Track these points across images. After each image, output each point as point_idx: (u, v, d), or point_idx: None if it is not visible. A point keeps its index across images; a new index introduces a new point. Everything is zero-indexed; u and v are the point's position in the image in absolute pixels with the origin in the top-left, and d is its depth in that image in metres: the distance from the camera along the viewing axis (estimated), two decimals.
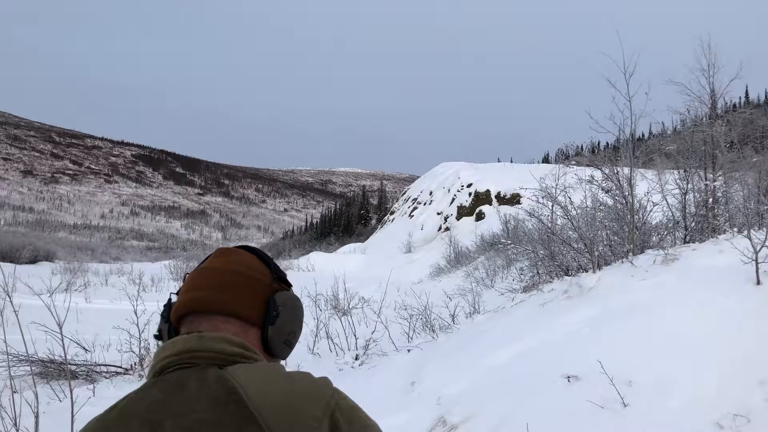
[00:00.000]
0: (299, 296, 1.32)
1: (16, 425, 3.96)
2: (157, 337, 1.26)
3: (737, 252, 5.39)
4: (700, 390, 3.69)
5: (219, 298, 1.16)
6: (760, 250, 5.10)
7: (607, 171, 9.30)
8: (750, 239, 5.23)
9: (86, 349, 8.74)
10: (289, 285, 1.30)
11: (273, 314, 1.18)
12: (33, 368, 6.36)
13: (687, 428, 3.42)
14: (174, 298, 1.24)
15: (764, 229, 6.41)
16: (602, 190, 9.70)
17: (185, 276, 1.26)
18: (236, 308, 1.16)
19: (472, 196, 43.14)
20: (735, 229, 7.56)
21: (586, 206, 9.61)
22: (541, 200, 11.44)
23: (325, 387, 1.09)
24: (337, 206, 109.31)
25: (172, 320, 1.20)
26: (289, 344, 1.24)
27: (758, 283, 5.00)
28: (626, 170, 8.92)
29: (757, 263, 5.06)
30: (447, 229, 40.86)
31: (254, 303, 1.18)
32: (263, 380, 1.06)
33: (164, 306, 1.26)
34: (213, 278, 1.18)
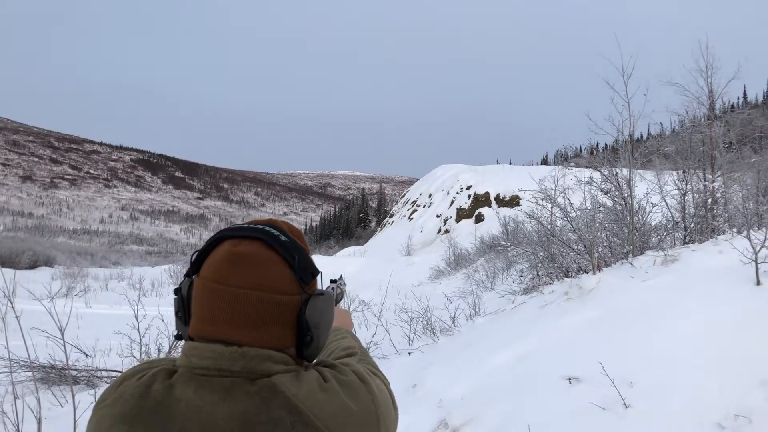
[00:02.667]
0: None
1: (18, 431, 3.97)
2: (179, 337, 1.14)
3: (737, 252, 5.40)
4: (701, 391, 3.70)
5: (247, 337, 1.02)
6: (759, 251, 5.11)
7: (606, 172, 9.32)
8: (749, 240, 5.24)
9: (87, 355, 8.74)
10: (316, 273, 1.14)
11: (308, 339, 1.08)
12: (35, 374, 6.37)
13: (688, 429, 3.42)
14: (183, 288, 1.10)
15: (763, 229, 6.42)
16: (601, 191, 9.72)
17: (192, 257, 1.10)
18: (268, 344, 1.03)
19: (471, 199, 43.20)
20: (734, 230, 7.57)
21: (586, 208, 9.63)
22: (540, 202, 11.46)
23: (366, 396, 1.07)
24: (337, 209, 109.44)
25: (193, 334, 1.07)
26: (321, 350, 1.14)
27: (758, 283, 5.01)
28: (625, 171, 8.94)
29: (756, 263, 5.07)
30: (446, 231, 40.90)
31: (286, 332, 1.06)
32: (321, 397, 1.01)
33: (176, 300, 1.12)
34: (234, 309, 1.02)
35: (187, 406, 0.97)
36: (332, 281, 1.84)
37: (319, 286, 1.18)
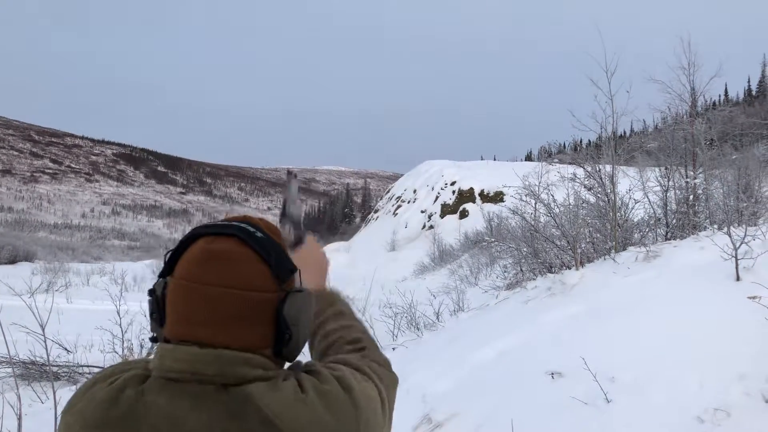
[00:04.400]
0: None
1: None
2: (154, 339, 1.10)
3: (717, 248, 5.46)
4: (682, 385, 3.74)
5: (222, 338, 0.99)
6: (739, 247, 5.18)
7: (589, 169, 9.38)
8: (730, 236, 5.31)
9: (68, 350, 8.66)
10: (294, 270, 1.09)
11: (286, 337, 1.04)
12: (15, 370, 6.30)
13: (669, 423, 3.46)
14: (158, 289, 1.07)
15: (743, 225, 6.50)
16: (585, 187, 9.78)
17: (166, 256, 1.07)
18: (245, 344, 1.00)
19: (455, 194, 43.30)
20: (715, 226, 7.66)
21: (569, 204, 9.69)
22: (524, 198, 11.50)
23: (347, 405, 1.02)
24: (321, 205, 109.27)
25: (168, 336, 1.04)
26: (300, 348, 1.11)
27: (738, 279, 5.08)
28: (608, 168, 9.00)
29: (736, 259, 5.14)
30: (431, 227, 40.97)
31: (263, 331, 1.03)
32: (295, 409, 0.97)
33: (150, 302, 1.08)
34: (210, 308, 0.99)
35: (157, 414, 0.95)
36: (283, 216, 1.45)
37: (297, 284, 1.12)
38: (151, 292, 1.08)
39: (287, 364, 1.11)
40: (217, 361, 0.97)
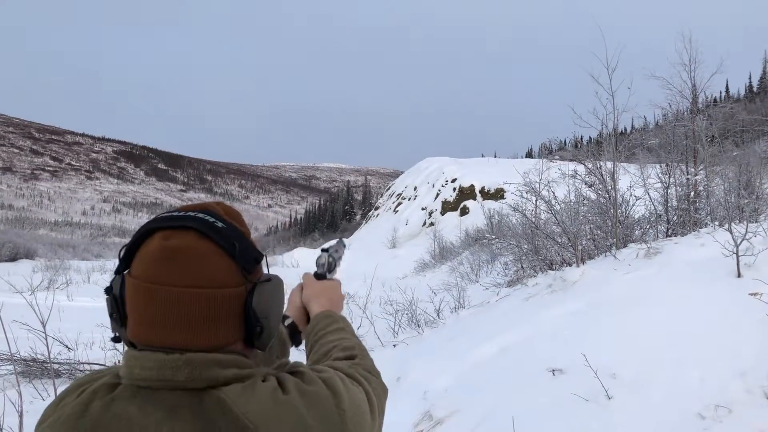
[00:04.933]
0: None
1: None
2: (116, 339, 1.05)
3: (718, 245, 5.46)
4: (683, 382, 3.74)
5: (190, 340, 0.94)
6: (740, 243, 5.17)
7: (590, 165, 9.37)
8: (731, 232, 5.30)
9: (69, 348, 8.66)
10: (260, 258, 1.04)
11: (257, 330, 0.99)
12: (16, 367, 6.30)
13: (670, 419, 3.46)
14: (115, 287, 1.00)
15: (744, 222, 6.49)
16: (585, 184, 9.78)
17: (121, 252, 0.99)
18: (214, 342, 0.95)
19: (456, 191, 43.29)
20: (716, 223, 7.65)
21: (570, 201, 9.69)
22: (525, 195, 11.50)
23: (331, 407, 0.98)
24: (322, 202, 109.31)
25: (132, 339, 0.98)
26: (273, 337, 1.06)
27: (739, 275, 5.07)
28: (609, 164, 8.99)
29: (737, 256, 5.13)
30: (431, 224, 40.97)
31: (232, 327, 0.98)
32: (274, 413, 0.92)
33: (108, 300, 1.02)
34: (173, 310, 0.93)
35: (129, 425, 0.90)
36: (323, 250, 1.61)
37: (265, 271, 1.07)
38: (108, 290, 1.02)
39: (280, 361, 1.09)
40: (187, 366, 0.92)
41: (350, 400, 1.02)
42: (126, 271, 0.99)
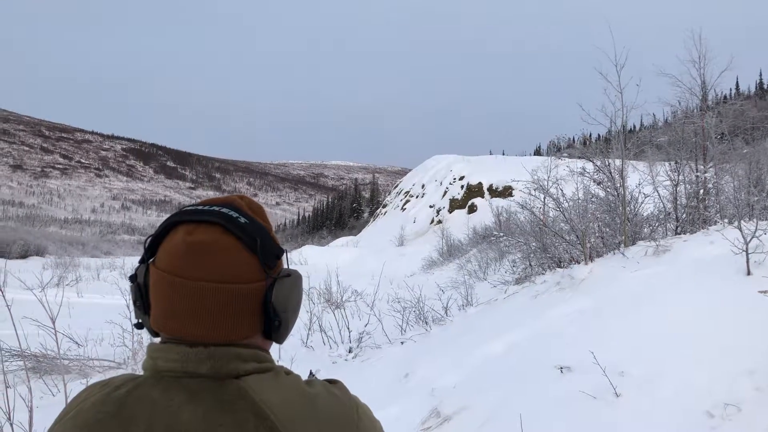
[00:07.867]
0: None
1: (10, 419, 3.96)
2: (139, 326, 1.08)
3: (728, 243, 5.43)
4: (691, 380, 3.72)
5: (212, 334, 0.97)
6: (750, 241, 5.15)
7: (598, 163, 9.34)
8: (740, 230, 5.27)
9: (79, 344, 8.74)
10: (282, 252, 1.07)
11: (276, 324, 1.01)
12: (26, 363, 6.36)
13: (678, 417, 3.45)
14: (139, 276, 1.03)
15: (754, 220, 6.45)
16: (594, 182, 9.74)
17: (146, 242, 1.02)
18: (234, 336, 0.98)
19: (464, 189, 43.25)
20: (726, 220, 7.61)
21: (578, 198, 9.65)
22: (533, 193, 11.48)
23: (350, 410, 1.01)
24: (330, 199, 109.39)
25: (155, 328, 1.02)
26: (289, 332, 1.08)
27: (748, 273, 5.04)
28: (618, 162, 8.96)
29: (747, 254, 5.11)
30: (439, 221, 40.96)
31: (252, 321, 1.00)
32: (292, 402, 0.95)
33: (133, 288, 1.05)
34: (196, 304, 0.96)
35: (152, 407, 0.92)
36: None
37: (285, 266, 1.09)
38: (133, 278, 1.04)
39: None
40: (210, 359, 0.95)
41: (369, 414, 1.04)
42: (150, 261, 1.02)
